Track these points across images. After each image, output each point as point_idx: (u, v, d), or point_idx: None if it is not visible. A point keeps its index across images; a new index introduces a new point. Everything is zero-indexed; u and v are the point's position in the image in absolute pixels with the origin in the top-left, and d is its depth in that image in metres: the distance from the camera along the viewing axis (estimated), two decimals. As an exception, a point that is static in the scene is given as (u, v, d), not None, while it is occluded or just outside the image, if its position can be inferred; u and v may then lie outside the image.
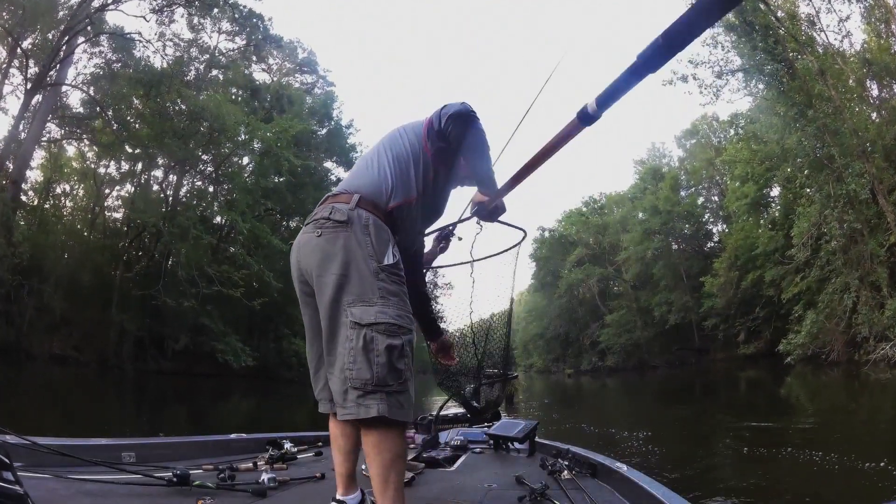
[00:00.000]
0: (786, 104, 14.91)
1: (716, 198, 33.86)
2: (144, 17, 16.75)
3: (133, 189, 20.29)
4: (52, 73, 16.09)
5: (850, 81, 15.99)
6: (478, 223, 1.82)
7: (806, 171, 15.56)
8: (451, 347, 1.92)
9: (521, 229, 2.03)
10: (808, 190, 15.88)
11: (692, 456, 5.56)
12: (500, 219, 1.78)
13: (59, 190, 21.25)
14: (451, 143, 1.41)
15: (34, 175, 19.65)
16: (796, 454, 4.96)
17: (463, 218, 1.86)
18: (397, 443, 1.23)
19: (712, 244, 34.01)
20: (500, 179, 1.60)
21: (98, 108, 16.97)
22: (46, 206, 19.91)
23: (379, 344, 1.19)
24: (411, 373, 1.27)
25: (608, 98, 0.96)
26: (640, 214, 35.29)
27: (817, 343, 15.97)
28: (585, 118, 1.05)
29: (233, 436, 2.62)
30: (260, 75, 24.29)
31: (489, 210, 1.66)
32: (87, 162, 20.65)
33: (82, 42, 16.31)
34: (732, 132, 31.11)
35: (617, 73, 0.90)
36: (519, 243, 2.07)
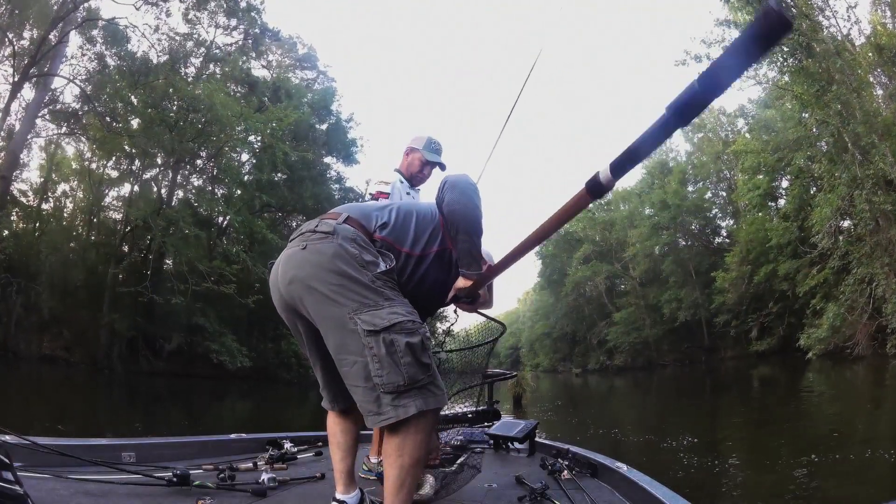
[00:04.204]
0: (805, 82, 14.27)
1: (723, 193, 33.46)
2: (135, 6, 16.30)
3: (131, 188, 19.98)
4: (46, 66, 15.73)
5: (859, 70, 15.66)
6: (455, 312, 1.64)
7: (832, 150, 14.80)
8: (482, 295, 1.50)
9: (500, 324, 1.95)
10: (835, 174, 15.06)
11: (698, 456, 5.52)
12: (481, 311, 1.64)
13: (59, 191, 21.24)
14: (444, 211, 1.37)
15: (33, 176, 19.81)
16: (811, 453, 4.85)
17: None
18: (420, 448, 1.20)
19: (720, 239, 33.65)
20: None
21: (90, 102, 16.55)
22: (46, 206, 19.81)
23: (400, 345, 1.16)
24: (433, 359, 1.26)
25: (627, 162, 0.75)
26: (648, 210, 34.99)
27: (840, 336, 15.47)
28: (596, 189, 0.82)
29: (233, 436, 2.63)
30: (259, 72, 23.78)
31: (470, 296, 1.44)
32: (86, 161, 20.51)
33: (72, 30, 15.86)
34: (742, 122, 30.73)
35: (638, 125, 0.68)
36: (496, 339, 2.01)
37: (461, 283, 1.40)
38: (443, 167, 2.49)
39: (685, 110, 0.61)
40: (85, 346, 16.56)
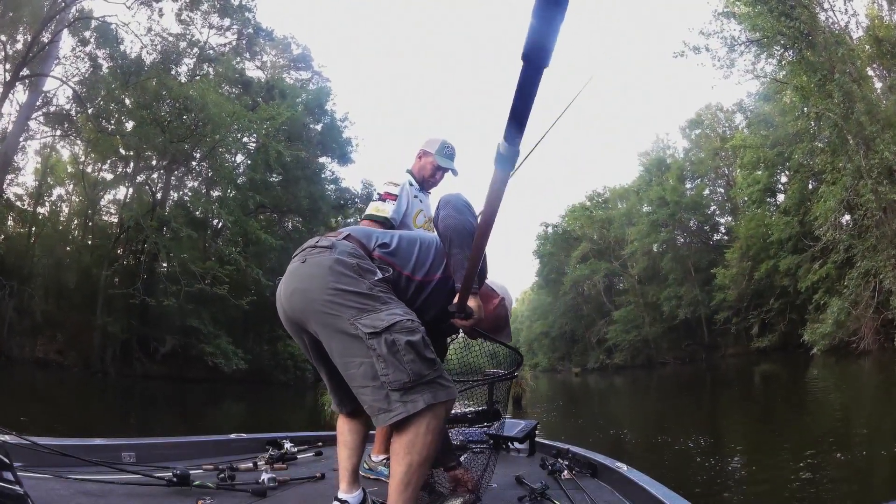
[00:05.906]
0: (806, 72, 14.13)
1: (721, 189, 33.52)
2: (126, 5, 16.15)
3: (126, 190, 19.92)
4: (38, 67, 15.63)
5: (858, 62, 15.59)
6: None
7: (835, 141, 14.54)
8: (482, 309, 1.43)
9: (515, 350, 1.85)
10: (838, 165, 14.83)
11: (699, 455, 5.50)
12: (492, 335, 1.54)
13: (54, 195, 21.27)
14: (439, 228, 1.44)
15: (28, 180, 19.82)
16: (814, 452, 4.79)
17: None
18: (430, 448, 1.20)
19: (719, 236, 33.71)
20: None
21: (83, 103, 16.50)
22: (42, 210, 19.76)
23: (401, 343, 1.19)
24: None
25: (513, 126, 0.75)
26: (646, 207, 35.02)
27: (845, 331, 15.27)
28: (503, 164, 0.83)
29: (233, 436, 2.63)
30: (253, 73, 23.75)
31: (461, 310, 1.37)
32: (80, 164, 20.42)
33: (63, 29, 15.74)
34: (741, 117, 30.74)
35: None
36: (515, 370, 1.96)
37: (455, 298, 1.39)
38: (455, 173, 2.44)
39: (531, 57, 0.63)
40: (78, 350, 16.43)
